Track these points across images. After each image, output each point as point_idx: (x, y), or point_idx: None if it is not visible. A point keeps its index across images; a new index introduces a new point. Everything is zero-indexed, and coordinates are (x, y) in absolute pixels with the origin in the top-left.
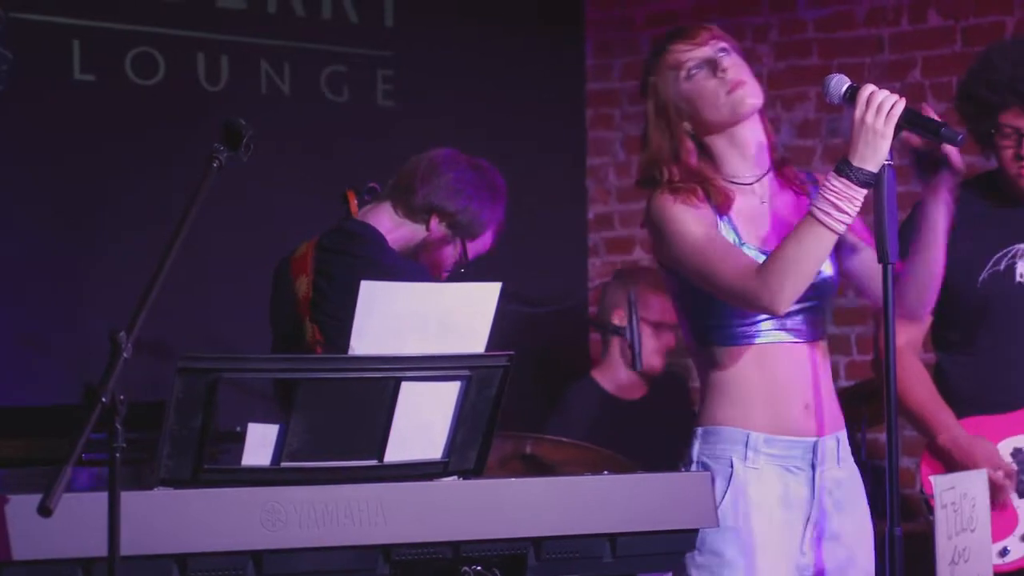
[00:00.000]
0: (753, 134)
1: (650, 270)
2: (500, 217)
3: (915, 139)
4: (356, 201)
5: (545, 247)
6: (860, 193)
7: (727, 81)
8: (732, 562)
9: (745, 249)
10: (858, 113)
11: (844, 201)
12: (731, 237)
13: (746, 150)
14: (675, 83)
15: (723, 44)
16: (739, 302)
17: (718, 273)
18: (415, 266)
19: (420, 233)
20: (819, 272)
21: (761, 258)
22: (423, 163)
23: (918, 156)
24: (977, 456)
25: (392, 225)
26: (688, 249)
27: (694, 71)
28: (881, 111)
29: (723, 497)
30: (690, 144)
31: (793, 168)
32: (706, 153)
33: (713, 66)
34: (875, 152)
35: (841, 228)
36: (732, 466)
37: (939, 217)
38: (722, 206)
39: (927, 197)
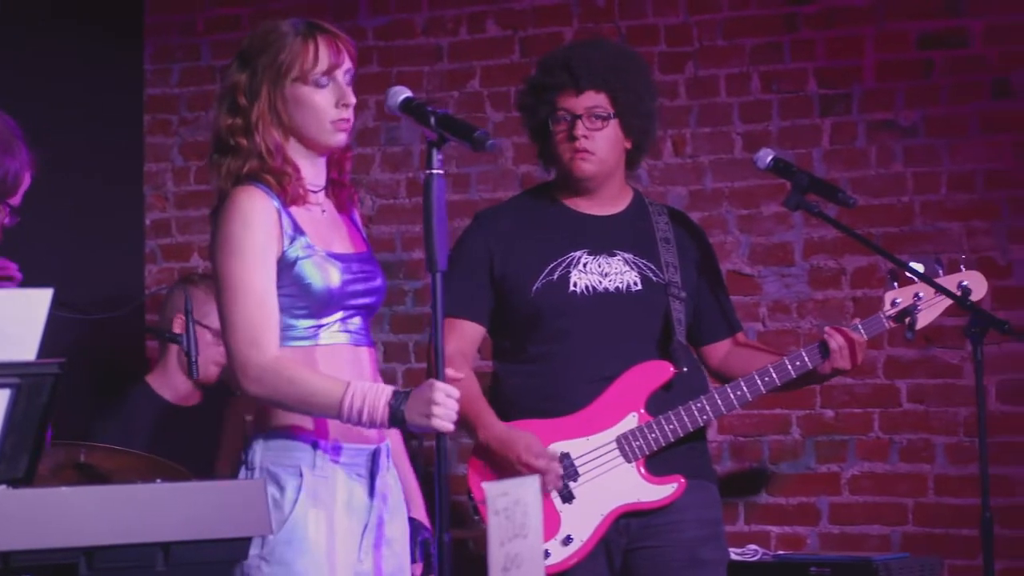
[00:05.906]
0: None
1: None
2: (24, 156)
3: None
4: None
5: (101, 253)
6: None
7: (340, 113)
8: (301, 572)
9: (315, 252)
10: None
11: None
12: (301, 242)
13: (317, 160)
14: (297, 82)
15: (353, 69)
16: (228, 354)
17: (232, 324)
18: None
19: None
20: (374, 280)
21: (330, 265)
22: None
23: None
24: (517, 446)
25: None
26: (230, 285)
27: (324, 83)
28: None
29: (293, 507)
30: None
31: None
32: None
33: (339, 92)
34: None
35: None
36: (302, 475)
37: None
38: (294, 200)
39: None
